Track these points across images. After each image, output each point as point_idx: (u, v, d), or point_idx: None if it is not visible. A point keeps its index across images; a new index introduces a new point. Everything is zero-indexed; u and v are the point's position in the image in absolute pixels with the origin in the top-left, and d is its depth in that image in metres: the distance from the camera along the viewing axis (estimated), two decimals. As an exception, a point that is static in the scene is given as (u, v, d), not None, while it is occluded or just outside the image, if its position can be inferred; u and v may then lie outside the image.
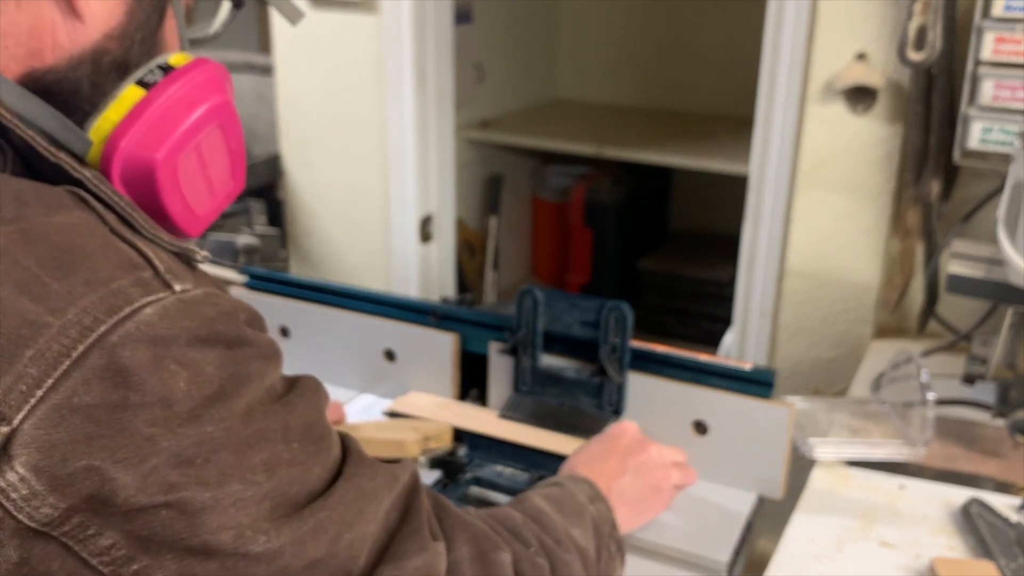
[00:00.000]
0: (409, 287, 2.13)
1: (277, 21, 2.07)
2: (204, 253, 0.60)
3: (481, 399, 1.27)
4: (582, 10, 3.21)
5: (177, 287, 0.51)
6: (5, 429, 0.44)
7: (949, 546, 1.00)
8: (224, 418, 0.50)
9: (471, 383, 1.27)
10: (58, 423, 0.45)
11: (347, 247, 2.20)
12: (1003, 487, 1.12)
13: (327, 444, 0.58)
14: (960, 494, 1.08)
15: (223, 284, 0.58)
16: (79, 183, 0.54)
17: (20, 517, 0.45)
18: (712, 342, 2.02)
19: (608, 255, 3.03)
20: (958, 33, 1.39)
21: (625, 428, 1.04)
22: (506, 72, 2.94)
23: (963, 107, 1.35)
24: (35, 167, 0.54)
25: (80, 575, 0.47)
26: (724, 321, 1.87)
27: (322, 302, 1.32)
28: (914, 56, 1.39)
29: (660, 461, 1.01)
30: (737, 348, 1.77)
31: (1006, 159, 1.26)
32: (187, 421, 0.48)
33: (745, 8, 2.71)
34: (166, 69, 0.60)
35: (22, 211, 0.49)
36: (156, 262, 0.51)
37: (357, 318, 1.30)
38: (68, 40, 0.58)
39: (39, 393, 0.45)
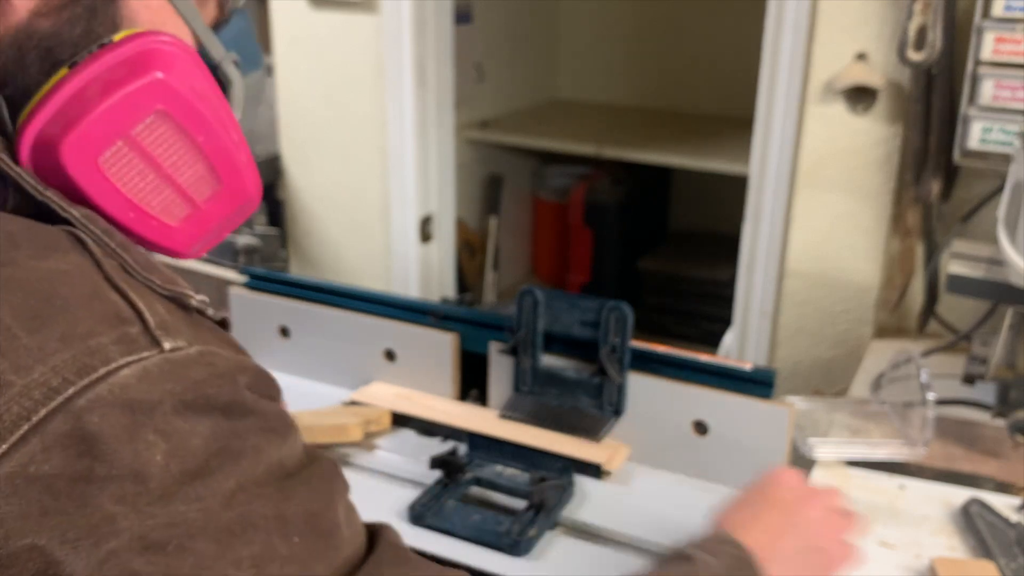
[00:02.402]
0: (409, 287, 2.13)
1: (277, 21, 2.07)
2: (201, 298, 0.52)
3: (481, 399, 1.27)
4: (582, 10, 3.21)
5: (167, 345, 0.45)
6: None
7: (949, 546, 1.00)
8: (201, 497, 0.43)
9: (471, 383, 1.27)
10: (9, 495, 0.39)
11: (347, 247, 2.20)
12: (1003, 487, 1.12)
13: (336, 541, 0.49)
14: (960, 494, 1.08)
15: (233, 342, 0.51)
16: (66, 222, 0.48)
17: None
18: (712, 342, 2.02)
19: (608, 255, 3.03)
20: (958, 33, 1.39)
21: (784, 476, 0.85)
22: (506, 72, 2.94)
23: (963, 107, 1.35)
24: (37, 210, 0.49)
25: None
26: (724, 321, 1.87)
27: (322, 302, 1.32)
28: (914, 56, 1.39)
29: (829, 516, 0.83)
30: (737, 348, 1.77)
31: (1006, 159, 1.26)
32: (158, 498, 0.42)
33: (745, 8, 2.71)
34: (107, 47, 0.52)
35: (11, 254, 0.44)
36: (147, 316, 0.46)
37: (357, 318, 1.30)
38: (1, 22, 0.52)
39: None
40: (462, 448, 1.18)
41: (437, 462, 1.14)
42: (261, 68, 0.72)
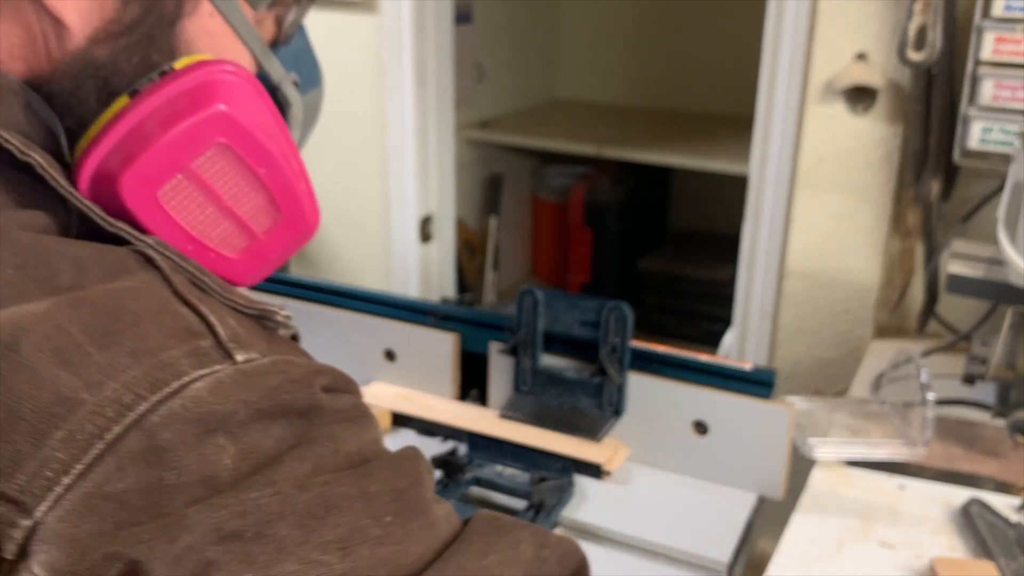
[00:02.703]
0: (409, 287, 2.13)
1: (277, 21, 2.07)
2: (286, 313, 0.50)
3: (481, 399, 1.27)
4: (582, 10, 3.21)
5: (239, 357, 0.44)
6: (27, 522, 0.38)
7: (949, 546, 1.00)
8: (274, 482, 0.41)
9: (471, 383, 1.27)
10: (85, 515, 0.39)
11: (347, 247, 2.20)
12: (1003, 487, 1.12)
13: (430, 520, 0.46)
14: (960, 494, 1.08)
15: (307, 354, 0.50)
16: (160, 255, 0.47)
17: None
18: (712, 342, 2.02)
19: (608, 255, 3.03)
20: (958, 33, 1.39)
21: None
22: (506, 72, 2.94)
23: (963, 107, 1.35)
24: (98, 230, 0.48)
25: None
26: (724, 321, 1.87)
27: (322, 302, 1.32)
28: (914, 56, 1.39)
29: None
30: (737, 348, 1.77)
31: (1006, 159, 1.26)
32: (228, 490, 0.41)
33: (745, 8, 2.71)
34: (168, 75, 0.52)
35: (80, 279, 0.43)
36: (219, 328, 0.44)
37: (357, 318, 1.30)
38: (59, 49, 0.51)
39: (66, 481, 0.39)
40: (462, 448, 1.18)
41: (437, 462, 1.14)
42: (319, 86, 0.71)
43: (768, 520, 1.13)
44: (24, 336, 0.40)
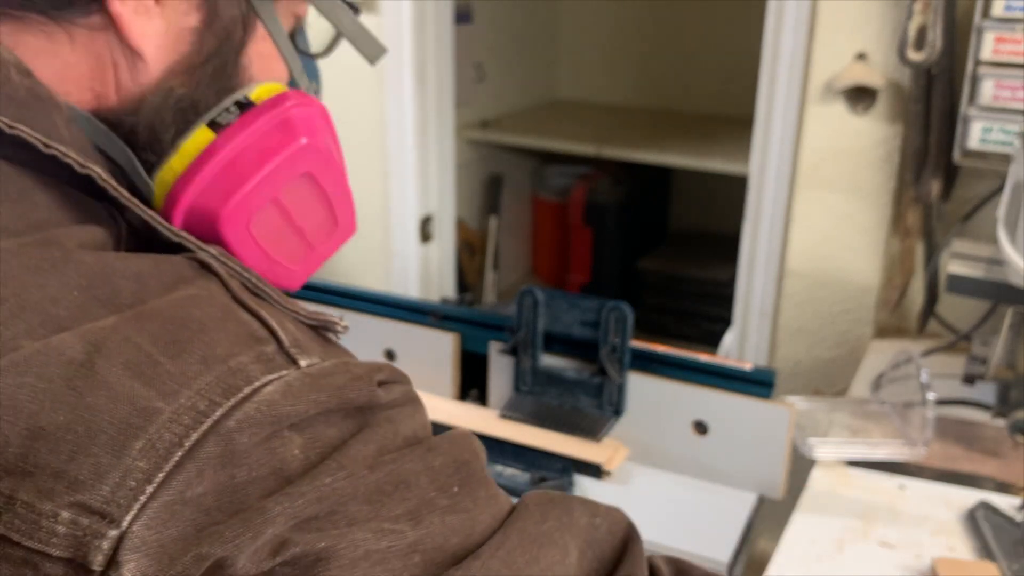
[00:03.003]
0: (409, 287, 2.13)
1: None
2: (345, 324, 0.52)
3: (481, 399, 1.27)
4: (582, 10, 3.21)
5: (303, 362, 0.45)
6: (114, 532, 0.39)
7: (949, 546, 1.00)
8: (344, 465, 0.43)
9: (471, 383, 1.27)
10: (168, 521, 0.39)
11: (347, 247, 2.19)
12: (1003, 487, 1.12)
13: (494, 491, 0.49)
14: (960, 494, 1.08)
15: (350, 354, 0.51)
16: (217, 261, 0.48)
17: None
18: (712, 342, 2.02)
19: (608, 255, 3.03)
20: (958, 33, 1.39)
21: None
22: (506, 72, 2.94)
23: (963, 107, 1.35)
24: (150, 242, 0.49)
25: None
26: (724, 321, 1.87)
27: (322, 302, 1.32)
28: (914, 56, 1.39)
29: None
30: (737, 348, 1.77)
31: (1006, 159, 1.26)
32: (300, 479, 0.42)
33: (745, 8, 2.71)
34: (244, 106, 0.54)
35: (142, 293, 0.44)
36: (281, 335, 0.45)
37: (357, 318, 1.30)
38: (131, 79, 0.52)
39: (149, 489, 0.39)
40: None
41: (437, 462, 1.14)
42: (319, 81, 0.72)
43: (768, 520, 1.13)
44: (96, 352, 0.41)
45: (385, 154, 2.06)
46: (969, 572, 0.94)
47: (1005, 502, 1.06)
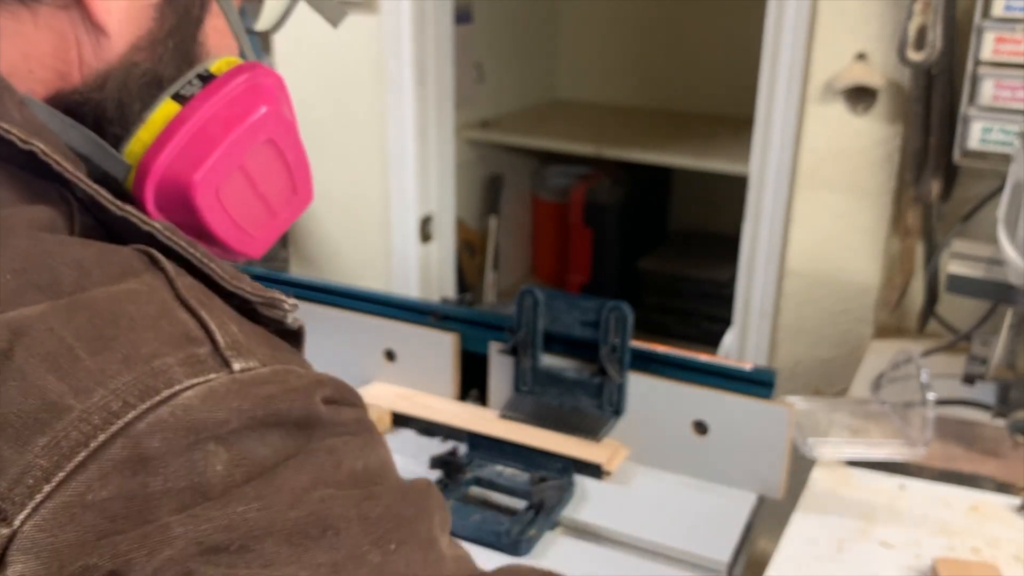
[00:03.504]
0: (409, 287, 2.13)
1: (277, 21, 2.07)
2: (293, 302, 0.52)
3: (481, 399, 1.27)
4: (582, 10, 3.21)
5: (236, 366, 0.43)
6: (5, 531, 0.37)
7: (949, 546, 1.00)
8: (262, 495, 0.40)
9: (471, 383, 1.27)
10: (65, 524, 0.38)
11: (347, 247, 2.20)
12: (1003, 487, 1.12)
13: (437, 556, 0.45)
14: (960, 494, 1.08)
15: (306, 363, 0.49)
16: (149, 236, 0.48)
17: None
18: (712, 342, 2.02)
19: (608, 255, 3.03)
20: (958, 33, 1.39)
21: None
22: (506, 72, 2.94)
23: (963, 107, 1.35)
24: (102, 218, 0.49)
25: None
26: (724, 321, 1.87)
27: (322, 302, 1.32)
28: (914, 56, 1.39)
29: None
30: (737, 348, 1.77)
31: (1006, 159, 1.26)
32: (215, 503, 0.39)
33: (745, 8, 2.71)
34: (206, 78, 0.55)
35: (82, 282, 0.43)
36: (218, 336, 0.43)
37: (357, 318, 1.30)
38: (94, 56, 0.53)
39: (47, 489, 0.38)
40: (462, 448, 1.18)
41: (437, 462, 1.14)
42: (259, 57, 0.73)
43: (768, 520, 1.13)
44: (17, 341, 0.40)
45: (385, 154, 2.06)
46: (969, 572, 0.94)
47: (1005, 502, 1.06)
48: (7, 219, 0.44)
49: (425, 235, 2.14)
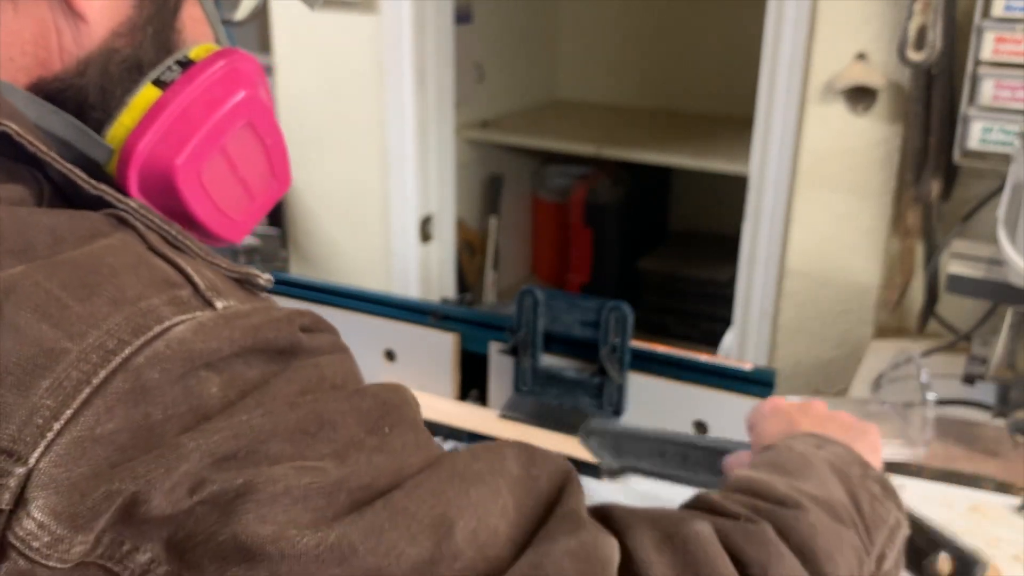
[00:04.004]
0: (409, 287, 2.13)
1: (277, 21, 2.08)
2: (267, 277, 0.53)
3: (481, 399, 1.27)
4: (582, 10, 3.21)
5: (219, 304, 0.45)
6: (21, 470, 0.39)
7: (949, 546, 1.00)
8: (262, 403, 0.43)
9: (471, 383, 1.27)
10: (79, 458, 0.40)
11: (347, 247, 2.20)
12: (1003, 487, 1.12)
13: (427, 438, 0.48)
14: (960, 494, 1.08)
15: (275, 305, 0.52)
16: (134, 216, 0.49)
17: (51, 564, 0.40)
18: (712, 342, 2.02)
19: (608, 255, 3.03)
20: (958, 33, 1.39)
21: (772, 400, 0.84)
22: (506, 72, 2.94)
23: (963, 107, 1.35)
24: (73, 199, 0.50)
25: None
26: (724, 321, 1.87)
27: (322, 302, 1.32)
28: (914, 56, 1.39)
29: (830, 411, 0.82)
30: (737, 348, 1.77)
31: (1006, 159, 1.26)
32: (219, 416, 0.42)
33: (745, 8, 2.71)
34: (185, 64, 0.56)
35: (57, 247, 0.44)
36: (196, 279, 0.46)
37: (357, 318, 1.30)
38: (74, 43, 0.54)
39: (56, 426, 0.40)
40: (462, 448, 1.18)
41: (437, 462, 1.14)
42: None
43: (768, 520, 1.13)
44: (4, 298, 0.41)
45: (385, 154, 2.06)
46: (969, 572, 0.94)
47: (1005, 502, 1.06)
48: None
49: (425, 235, 2.14)
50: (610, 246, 3.02)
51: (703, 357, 1.15)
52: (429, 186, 2.11)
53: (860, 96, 1.52)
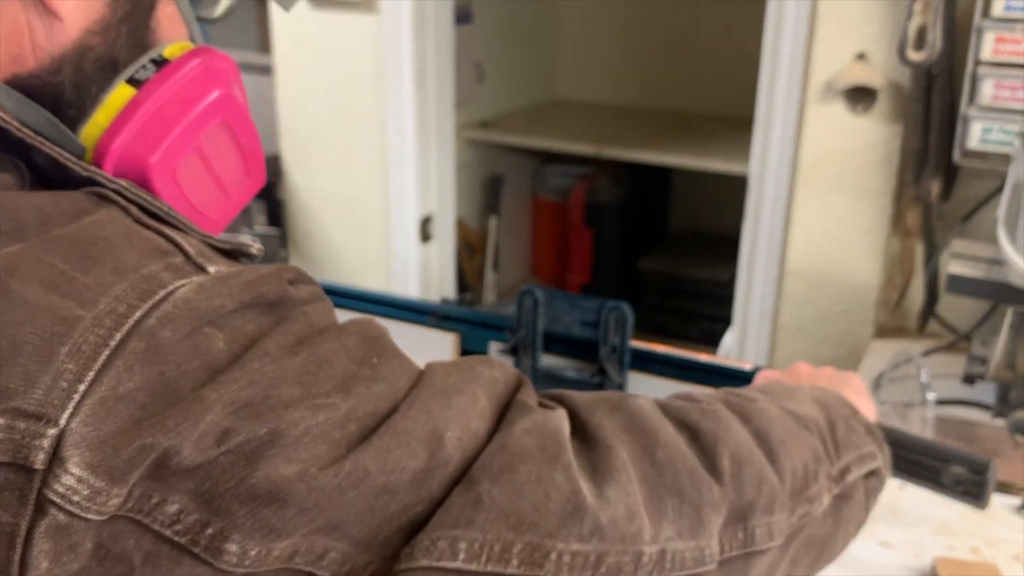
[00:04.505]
0: (409, 287, 2.13)
1: (277, 21, 2.08)
2: (259, 247, 0.57)
3: (481, 399, 1.27)
4: (582, 10, 3.21)
5: (211, 268, 0.48)
6: (53, 431, 0.41)
7: (949, 546, 1.00)
8: (268, 352, 0.46)
9: (471, 383, 1.27)
10: (105, 416, 0.42)
11: (347, 247, 2.20)
12: (1003, 487, 1.12)
13: (406, 359, 0.53)
14: (960, 494, 1.08)
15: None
16: (116, 193, 0.50)
17: (90, 516, 0.42)
18: (712, 342, 2.02)
19: (608, 255, 3.03)
20: (958, 33, 1.39)
21: (763, 372, 0.91)
22: (506, 72, 2.94)
23: (963, 107, 1.35)
24: (60, 184, 0.51)
25: (160, 551, 0.44)
26: (724, 321, 1.87)
27: (322, 302, 1.32)
28: (914, 56, 1.39)
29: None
30: (737, 348, 1.77)
31: (1006, 159, 1.26)
32: (229, 367, 0.45)
33: (745, 8, 2.71)
34: (160, 63, 0.56)
35: (46, 225, 0.46)
36: (186, 247, 0.48)
37: (357, 318, 1.30)
38: (48, 41, 0.54)
39: (82, 388, 0.42)
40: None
41: (437, 462, 1.14)
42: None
43: (768, 520, 1.12)
44: (9, 275, 0.43)
45: (385, 154, 2.06)
46: (969, 572, 0.94)
47: (1005, 502, 1.06)
48: None
49: (425, 235, 2.14)
50: (610, 246, 3.02)
51: (703, 357, 1.15)
52: (429, 186, 2.11)
53: (860, 96, 1.52)
